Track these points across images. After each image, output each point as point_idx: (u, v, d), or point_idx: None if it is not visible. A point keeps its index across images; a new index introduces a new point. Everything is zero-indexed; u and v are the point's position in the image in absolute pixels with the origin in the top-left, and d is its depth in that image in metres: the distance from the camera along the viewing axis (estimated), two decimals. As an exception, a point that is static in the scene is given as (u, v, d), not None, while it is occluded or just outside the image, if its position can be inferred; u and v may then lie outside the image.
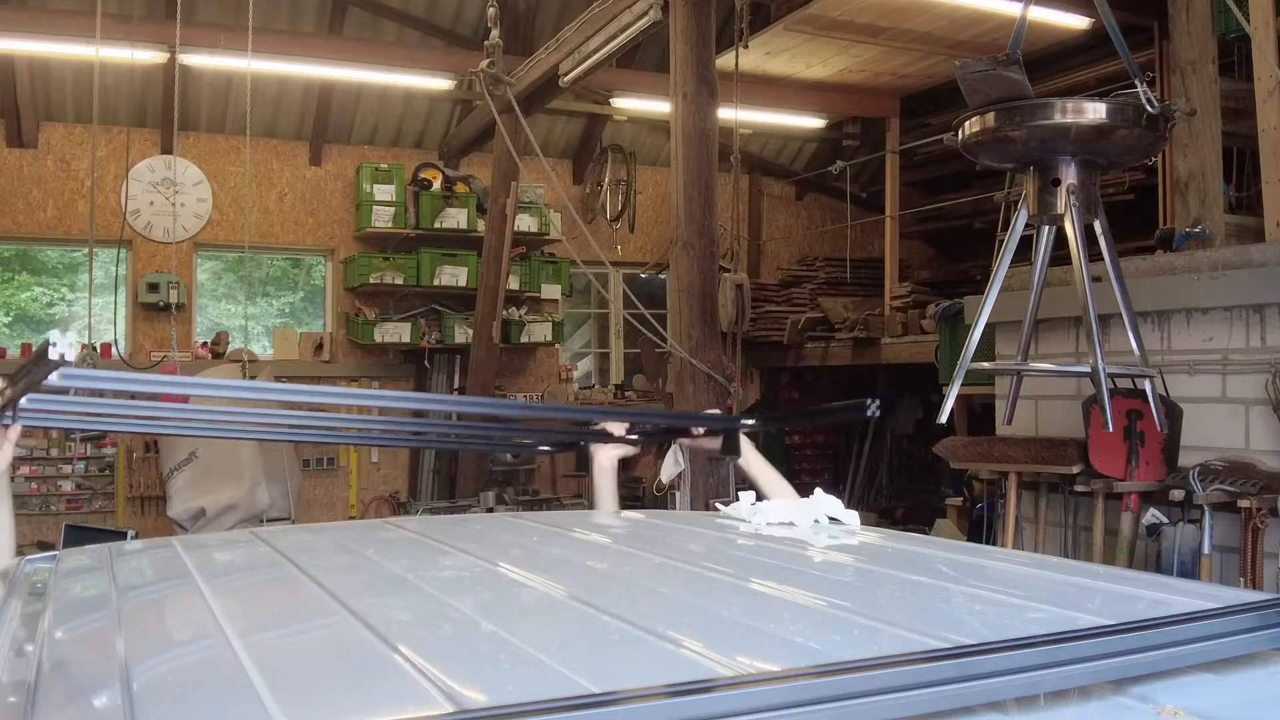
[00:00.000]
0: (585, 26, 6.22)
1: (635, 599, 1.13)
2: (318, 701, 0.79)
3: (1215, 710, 0.76)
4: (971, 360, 3.26)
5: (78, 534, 5.50)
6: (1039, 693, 0.74)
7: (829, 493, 1.69)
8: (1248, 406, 3.86)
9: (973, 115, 3.11)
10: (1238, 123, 4.76)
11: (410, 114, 8.99)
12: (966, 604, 1.11)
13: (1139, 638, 0.79)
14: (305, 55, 7.52)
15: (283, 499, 7.45)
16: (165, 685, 0.85)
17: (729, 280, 7.30)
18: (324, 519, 8.54)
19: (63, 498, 8.03)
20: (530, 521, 1.84)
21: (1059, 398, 4.51)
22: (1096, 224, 3.16)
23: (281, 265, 9.42)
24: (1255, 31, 4.16)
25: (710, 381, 4.90)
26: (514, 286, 8.69)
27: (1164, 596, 1.12)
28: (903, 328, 7.91)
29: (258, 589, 1.30)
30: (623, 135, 9.66)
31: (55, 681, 0.89)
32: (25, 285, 8.58)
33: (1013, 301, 4.03)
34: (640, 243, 9.82)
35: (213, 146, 8.53)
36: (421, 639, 0.96)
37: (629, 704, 0.63)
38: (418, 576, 1.28)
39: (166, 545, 1.59)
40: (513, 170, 7.70)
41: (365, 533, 1.75)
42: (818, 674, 0.68)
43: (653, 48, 7.61)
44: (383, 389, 9.04)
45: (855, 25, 7.07)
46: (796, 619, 1.01)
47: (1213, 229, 4.20)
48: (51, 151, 8.13)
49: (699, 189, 4.98)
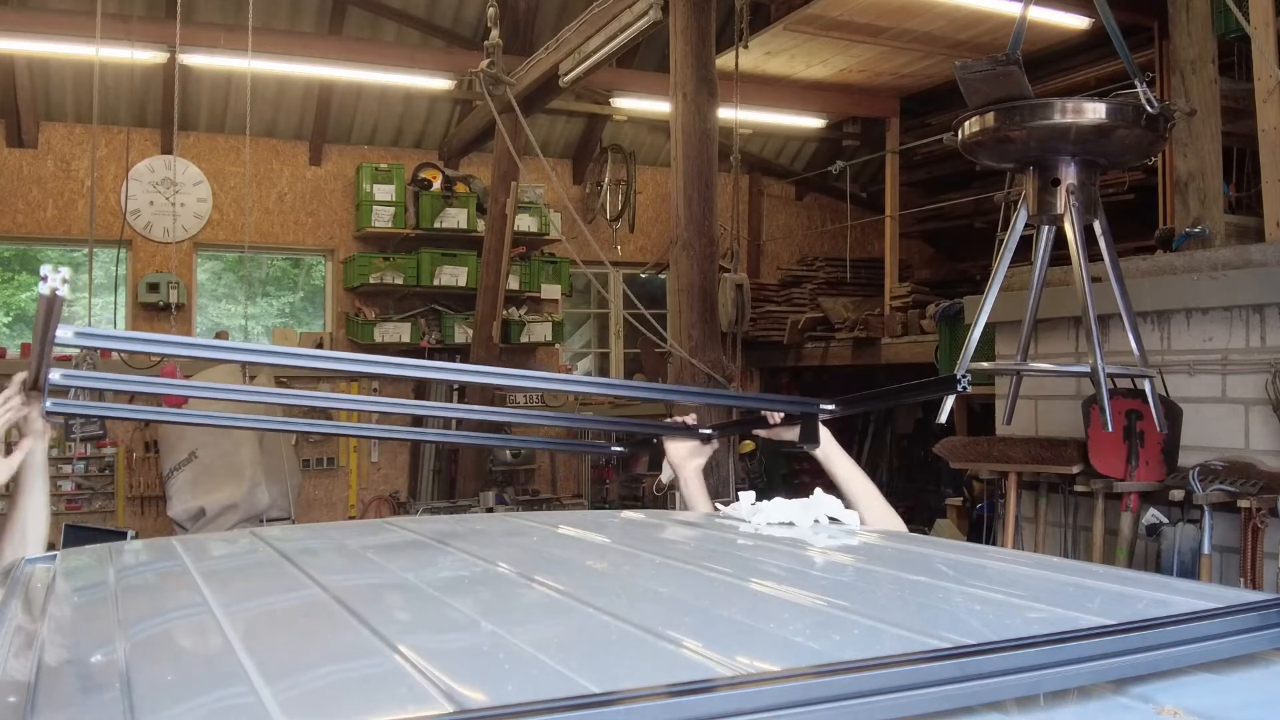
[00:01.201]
0: (585, 26, 6.22)
1: (635, 599, 1.13)
2: (318, 701, 0.79)
3: (1215, 710, 0.76)
4: (971, 360, 3.26)
5: (78, 534, 5.49)
6: (1039, 693, 0.74)
7: (829, 493, 1.70)
8: (1247, 406, 3.86)
9: (973, 115, 3.11)
10: (1238, 123, 4.76)
11: (410, 114, 8.99)
12: (966, 604, 1.11)
13: (1139, 638, 0.79)
14: (305, 55, 7.52)
15: (283, 499, 7.45)
16: (165, 685, 0.85)
17: (729, 280, 7.30)
18: (324, 519, 8.54)
19: (63, 498, 8.02)
20: (531, 521, 1.84)
21: (1059, 398, 4.51)
22: (1096, 224, 3.16)
23: (281, 265, 9.42)
24: (1255, 31, 4.16)
25: (710, 381, 4.90)
26: (514, 286, 8.69)
27: (1164, 596, 1.12)
28: (903, 328, 7.91)
29: (258, 589, 1.30)
30: (623, 135, 9.66)
31: (55, 681, 0.89)
32: (25, 285, 8.58)
33: (1013, 301, 4.04)
34: (640, 243, 9.82)
35: (213, 146, 8.53)
36: (421, 639, 0.96)
37: (629, 704, 0.63)
38: (418, 576, 1.28)
39: (166, 545, 1.59)
40: (513, 170, 7.70)
41: (365, 533, 1.75)
42: (818, 674, 0.68)
43: (653, 48, 7.62)
44: (382, 390, 9.06)
45: (855, 25, 7.06)
46: (796, 619, 1.01)
47: (1212, 229, 4.20)
48: (51, 151, 8.13)
49: (699, 189, 4.98)
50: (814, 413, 1.89)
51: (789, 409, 1.99)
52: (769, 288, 9.55)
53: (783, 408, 2.02)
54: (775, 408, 2.04)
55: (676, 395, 3.84)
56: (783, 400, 2.13)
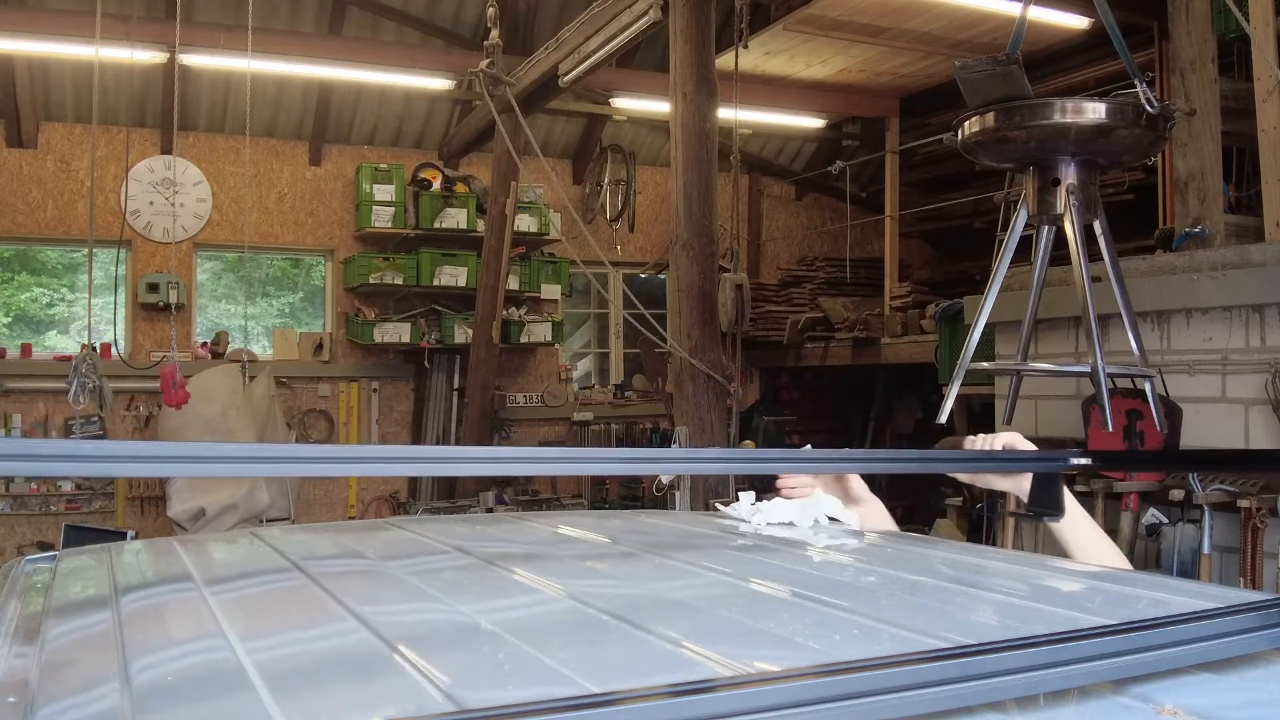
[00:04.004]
0: (585, 26, 6.22)
1: (635, 599, 1.13)
2: (318, 701, 0.79)
3: (1215, 710, 0.76)
4: (971, 360, 3.26)
5: (78, 534, 5.50)
6: (1039, 693, 0.74)
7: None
8: (1247, 406, 3.86)
9: (972, 115, 3.11)
10: (1238, 123, 4.76)
11: (410, 114, 8.99)
12: (966, 604, 1.11)
13: (1139, 638, 0.79)
14: (305, 55, 7.52)
15: (282, 499, 7.45)
16: (165, 685, 0.85)
17: (729, 280, 7.30)
18: (324, 519, 8.55)
19: (63, 498, 8.03)
20: (531, 521, 1.84)
21: (1059, 398, 4.51)
22: (1096, 224, 3.15)
23: (281, 265, 9.42)
24: (1255, 31, 4.16)
25: (710, 382, 4.90)
26: (514, 286, 8.69)
27: (1164, 596, 1.12)
28: (902, 328, 7.91)
29: (257, 589, 1.30)
30: (622, 135, 9.66)
31: (55, 682, 0.89)
32: (25, 285, 8.58)
33: (1012, 301, 4.03)
34: (640, 243, 9.82)
35: (212, 146, 8.53)
36: (421, 639, 0.96)
37: (629, 704, 0.63)
38: (418, 576, 1.28)
39: (166, 545, 1.59)
40: (512, 170, 7.71)
41: (365, 533, 1.75)
42: (818, 674, 0.67)
43: (653, 48, 7.62)
44: (382, 389, 9.07)
45: (855, 25, 7.07)
46: (796, 619, 1.01)
47: (1212, 229, 4.20)
48: (51, 151, 8.13)
49: (699, 189, 4.99)
50: (1056, 471, 1.41)
51: (1025, 467, 1.53)
52: (769, 288, 9.55)
53: (1013, 465, 1.54)
54: (1007, 467, 1.57)
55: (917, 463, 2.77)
56: (1016, 458, 1.58)
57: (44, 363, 8.05)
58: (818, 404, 10.36)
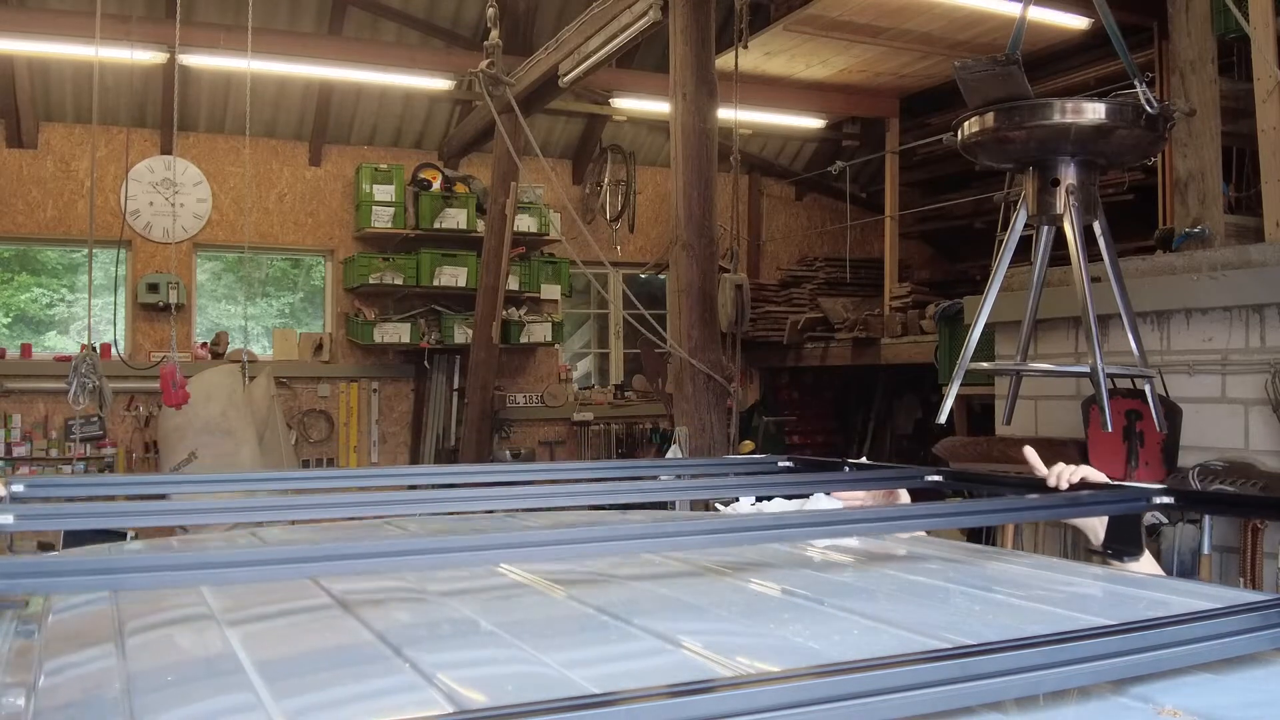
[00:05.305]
0: (585, 27, 6.22)
1: (635, 599, 1.13)
2: (318, 701, 0.79)
3: (1215, 710, 0.76)
4: (971, 360, 3.26)
5: (78, 534, 5.49)
6: (1039, 693, 0.74)
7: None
8: (1247, 407, 3.86)
9: (972, 115, 3.10)
10: (1237, 123, 4.76)
11: (410, 114, 8.99)
12: (966, 604, 1.11)
13: (1139, 638, 0.79)
14: (305, 55, 7.52)
15: (282, 499, 7.43)
16: (165, 685, 0.85)
17: (729, 280, 7.30)
18: (324, 519, 8.53)
19: (62, 498, 8.02)
20: (530, 521, 1.84)
21: (1058, 398, 4.51)
22: (1096, 224, 3.15)
23: (281, 266, 9.42)
24: (1255, 31, 4.16)
25: (710, 382, 4.90)
26: (514, 287, 8.69)
27: (1164, 597, 1.12)
28: (902, 328, 7.91)
29: (257, 589, 1.30)
30: (622, 135, 9.66)
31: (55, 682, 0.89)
32: (25, 286, 8.58)
33: (1012, 301, 4.03)
34: (640, 243, 9.82)
35: (212, 147, 8.53)
36: (421, 639, 0.96)
37: (629, 704, 0.63)
38: (418, 576, 1.28)
39: (166, 546, 1.59)
40: (512, 170, 7.70)
41: (365, 533, 1.75)
42: (818, 674, 0.68)
43: (653, 48, 7.61)
44: (382, 389, 9.07)
45: (855, 25, 7.07)
46: (796, 619, 1.01)
47: (1212, 229, 4.19)
48: (51, 152, 8.13)
49: (699, 189, 4.98)
50: (1140, 510, 1.30)
51: (1107, 510, 1.40)
52: (769, 288, 9.55)
53: (1092, 508, 1.40)
54: (1094, 510, 1.45)
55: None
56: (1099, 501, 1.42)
57: (44, 363, 8.05)
58: (818, 404, 10.36)
